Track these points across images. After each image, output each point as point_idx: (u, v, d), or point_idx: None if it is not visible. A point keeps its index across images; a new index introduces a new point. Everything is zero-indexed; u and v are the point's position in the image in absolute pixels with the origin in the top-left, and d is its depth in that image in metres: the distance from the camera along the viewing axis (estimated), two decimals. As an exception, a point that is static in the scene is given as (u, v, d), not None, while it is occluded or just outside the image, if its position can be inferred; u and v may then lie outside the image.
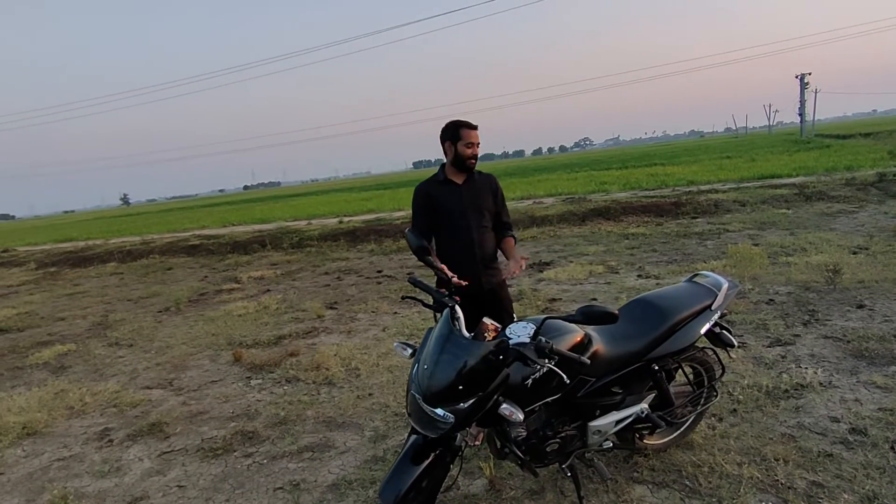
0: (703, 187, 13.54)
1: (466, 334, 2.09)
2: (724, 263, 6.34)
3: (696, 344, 2.59)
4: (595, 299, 5.69)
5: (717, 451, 2.72)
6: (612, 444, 2.50)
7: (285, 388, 4.27)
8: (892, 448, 2.61)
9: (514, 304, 5.66)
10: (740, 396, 3.26)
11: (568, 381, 2.01)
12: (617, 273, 6.75)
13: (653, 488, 2.51)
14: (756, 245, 7.29)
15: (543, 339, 1.95)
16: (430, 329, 2.08)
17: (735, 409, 3.13)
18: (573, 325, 2.21)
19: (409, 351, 2.13)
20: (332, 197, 36.37)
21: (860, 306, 4.56)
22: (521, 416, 1.94)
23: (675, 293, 2.60)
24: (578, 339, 2.21)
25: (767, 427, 2.91)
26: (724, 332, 2.58)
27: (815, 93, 48.10)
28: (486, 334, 2.03)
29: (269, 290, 8.34)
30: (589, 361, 2.00)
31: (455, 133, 2.78)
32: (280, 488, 2.90)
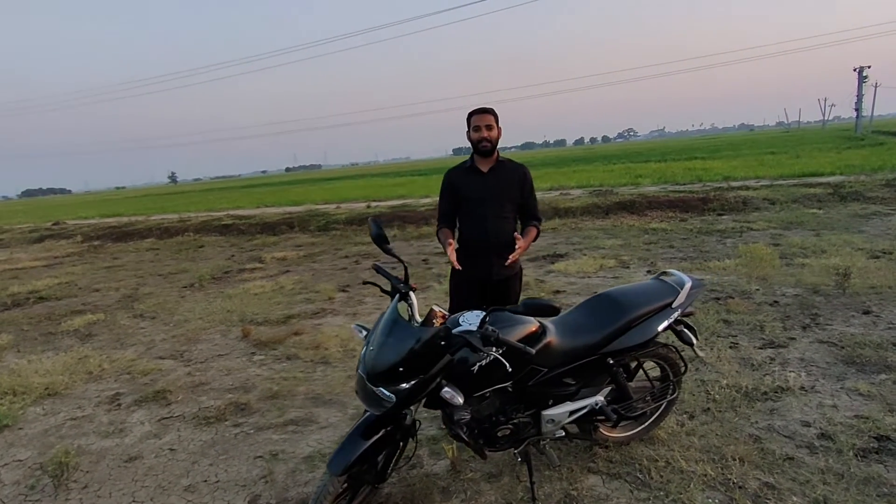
0: (734, 184, 13.15)
1: (418, 319, 2.20)
2: (737, 263, 6.23)
3: (659, 340, 2.63)
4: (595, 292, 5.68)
5: (677, 447, 2.76)
6: (567, 434, 2.57)
7: (284, 364, 4.47)
8: (857, 456, 2.59)
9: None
10: (717, 396, 3.26)
11: (510, 370, 2.10)
12: (627, 268, 6.71)
13: (605, 479, 2.58)
14: (777, 245, 7.11)
15: (490, 328, 2.04)
16: (383, 314, 2.19)
17: (709, 408, 3.14)
18: (528, 317, 2.29)
19: (364, 333, 2.25)
20: (368, 181, 36.81)
21: (866, 312, 4.44)
22: (460, 400, 2.04)
23: (637, 290, 2.64)
24: (532, 329, 2.29)
25: (736, 427, 2.92)
26: (684, 330, 2.60)
27: (875, 87, 45.65)
28: (434, 320, 2.13)
29: (288, 271, 8.62)
30: (534, 352, 2.07)
31: (468, 120, 2.87)
32: (260, 457, 3.08)
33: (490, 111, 2.85)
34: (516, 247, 2.68)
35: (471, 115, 2.87)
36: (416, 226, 11.86)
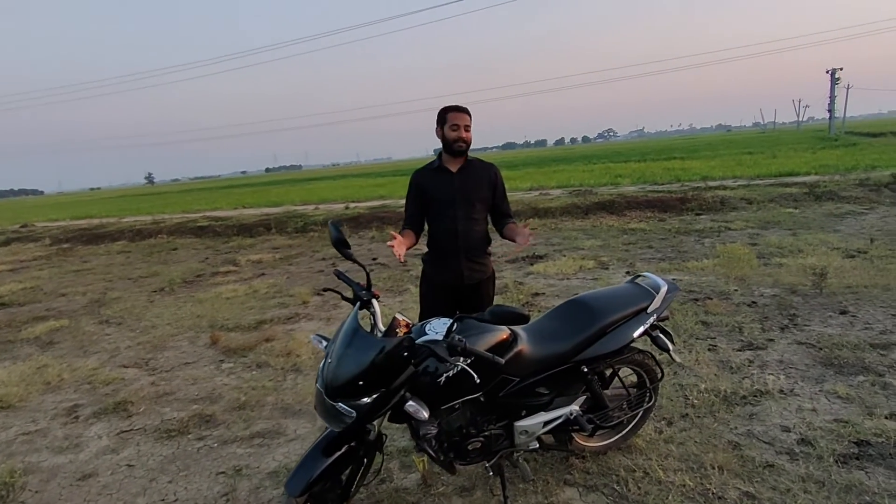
0: (712, 183, 13.24)
1: (382, 328, 2.07)
2: (715, 263, 6.21)
3: (635, 346, 2.54)
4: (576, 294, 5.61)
5: (656, 456, 2.67)
6: (541, 445, 2.47)
7: (254, 372, 4.31)
8: (837, 462, 2.53)
9: (497, 298, 5.64)
10: (695, 401, 3.19)
11: (479, 381, 1.98)
12: (606, 269, 6.66)
13: (582, 491, 2.48)
14: (754, 245, 7.13)
15: (457, 338, 1.92)
16: (343, 323, 2.06)
17: (687, 414, 3.06)
18: (499, 325, 2.17)
19: (325, 343, 2.12)
20: (349, 182, 36.51)
21: (843, 312, 4.43)
22: (425, 415, 1.92)
23: (611, 294, 2.54)
24: (502, 337, 2.17)
25: (715, 433, 2.85)
26: (660, 335, 2.51)
27: (847, 88, 46.58)
28: (397, 330, 2.00)
29: (263, 274, 8.41)
30: (503, 361, 1.96)
31: (442, 116, 2.73)
32: (222, 472, 2.93)
33: (468, 111, 2.75)
34: (521, 238, 2.57)
35: (447, 111, 2.73)
36: (396, 227, 11.69)
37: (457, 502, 2.49)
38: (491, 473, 2.33)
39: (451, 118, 2.71)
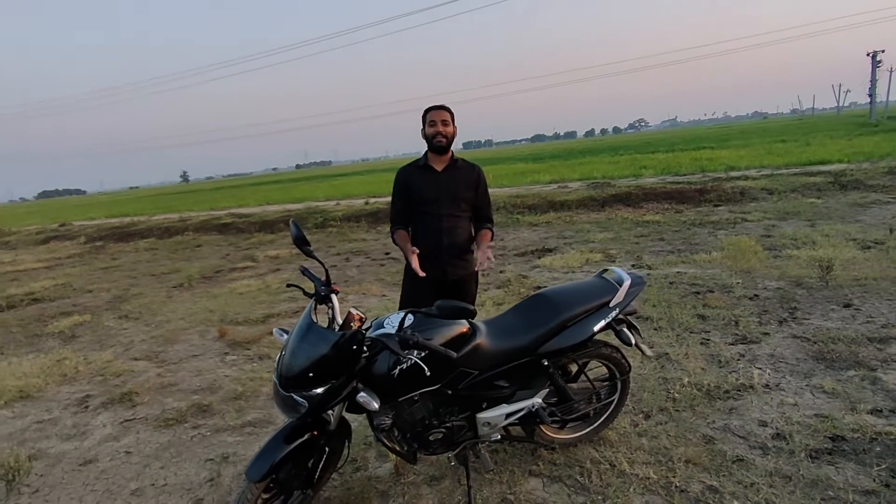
0: (734, 174, 12.92)
1: (339, 322, 2.15)
2: (723, 256, 6.10)
3: (600, 340, 2.56)
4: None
5: (625, 448, 2.69)
6: (507, 436, 2.51)
7: (254, 364, 4.46)
8: (809, 457, 2.51)
9: (498, 292, 5.67)
10: (677, 394, 3.18)
11: (431, 374, 2.04)
12: (613, 262, 6.61)
13: (546, 482, 2.51)
14: (769, 237, 6.97)
15: (409, 331, 1.99)
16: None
17: (666, 407, 3.06)
18: (458, 319, 2.22)
19: (286, 337, 2.21)
20: (376, 177, 36.78)
21: (847, 305, 4.32)
22: (375, 405, 1.99)
23: (574, 289, 2.56)
24: (461, 331, 2.23)
25: (691, 427, 2.84)
26: (624, 329, 2.52)
27: (890, 72, 44.59)
28: (351, 324, 2.08)
29: (278, 270, 8.63)
30: (455, 355, 2.02)
31: (423, 117, 2.83)
32: (211, 459, 3.06)
33: (446, 108, 2.84)
34: (480, 257, 2.64)
35: (427, 111, 2.84)
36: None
37: (425, 491, 2.56)
38: (453, 464, 2.39)
39: (429, 116, 2.81)
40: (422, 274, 2.65)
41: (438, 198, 2.83)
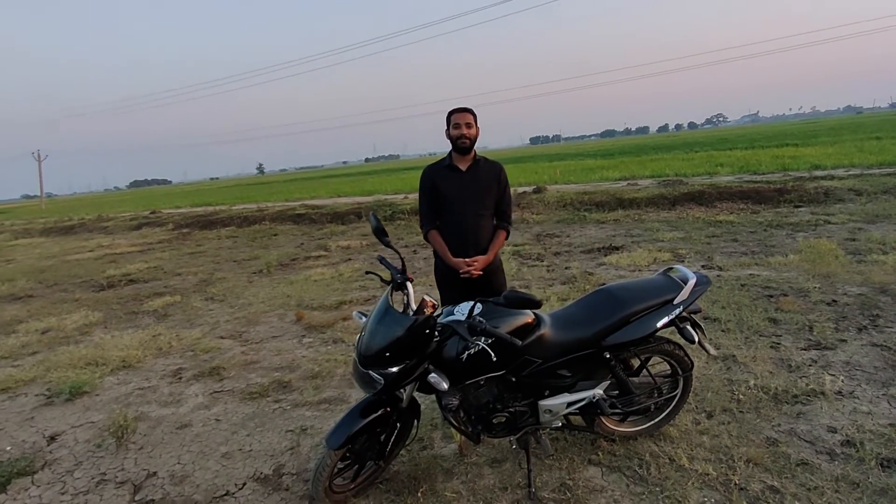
0: (819, 173, 12.19)
1: (414, 308, 2.33)
2: (800, 259, 5.86)
3: (662, 336, 2.61)
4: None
5: (685, 445, 2.73)
6: (567, 425, 2.62)
7: (329, 347, 4.77)
8: (879, 465, 2.46)
9: (563, 287, 5.73)
10: (742, 396, 3.16)
11: (497, 360, 2.19)
12: (682, 262, 6.49)
13: (604, 471, 2.60)
14: (853, 240, 6.60)
15: (478, 319, 2.14)
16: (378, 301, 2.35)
17: (729, 408, 3.06)
18: (524, 309, 2.36)
19: (364, 319, 2.42)
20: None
21: (936, 315, 4.09)
22: (445, 386, 2.16)
23: (639, 285, 2.62)
24: (527, 321, 2.36)
25: (754, 429, 2.84)
26: (688, 327, 2.56)
27: None
28: (425, 310, 2.25)
29: (350, 259, 9.02)
30: (520, 343, 2.16)
31: (448, 119, 2.97)
32: (290, 430, 3.36)
33: (470, 111, 2.96)
34: (472, 260, 2.82)
35: (451, 113, 2.95)
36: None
37: (486, 471, 2.71)
38: (514, 447, 2.52)
39: (453, 119, 2.93)
40: (469, 269, 2.82)
41: (464, 198, 2.96)
